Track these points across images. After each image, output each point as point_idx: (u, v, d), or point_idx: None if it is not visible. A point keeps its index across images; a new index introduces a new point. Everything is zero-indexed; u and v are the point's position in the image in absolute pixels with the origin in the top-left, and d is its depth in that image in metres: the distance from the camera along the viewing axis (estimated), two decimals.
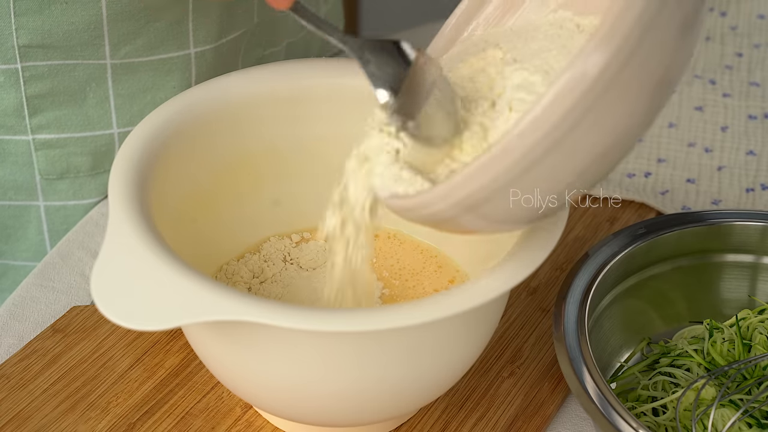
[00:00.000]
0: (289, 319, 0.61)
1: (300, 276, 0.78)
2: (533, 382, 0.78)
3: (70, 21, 0.82)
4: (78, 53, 0.84)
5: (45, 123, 0.86)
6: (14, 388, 0.76)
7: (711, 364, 0.76)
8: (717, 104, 1.03)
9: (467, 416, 0.75)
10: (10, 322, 0.82)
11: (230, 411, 0.75)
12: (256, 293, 0.76)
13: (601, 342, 0.77)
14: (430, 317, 0.62)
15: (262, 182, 0.79)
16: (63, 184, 0.89)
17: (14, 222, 0.90)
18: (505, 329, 0.81)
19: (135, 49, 0.85)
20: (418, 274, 0.78)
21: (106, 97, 0.87)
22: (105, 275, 0.63)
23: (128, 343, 0.79)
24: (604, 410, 0.68)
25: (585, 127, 0.57)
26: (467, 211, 0.61)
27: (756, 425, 0.72)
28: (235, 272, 0.77)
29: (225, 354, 0.67)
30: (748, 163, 0.97)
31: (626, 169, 0.96)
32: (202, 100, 0.75)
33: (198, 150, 0.75)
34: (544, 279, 0.85)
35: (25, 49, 0.83)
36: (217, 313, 0.61)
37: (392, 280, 0.78)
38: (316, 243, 0.80)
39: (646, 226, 0.79)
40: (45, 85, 0.85)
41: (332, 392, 0.66)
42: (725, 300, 0.81)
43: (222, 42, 0.90)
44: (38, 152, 0.87)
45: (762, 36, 1.11)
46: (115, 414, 0.74)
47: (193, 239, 0.75)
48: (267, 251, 0.79)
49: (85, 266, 0.86)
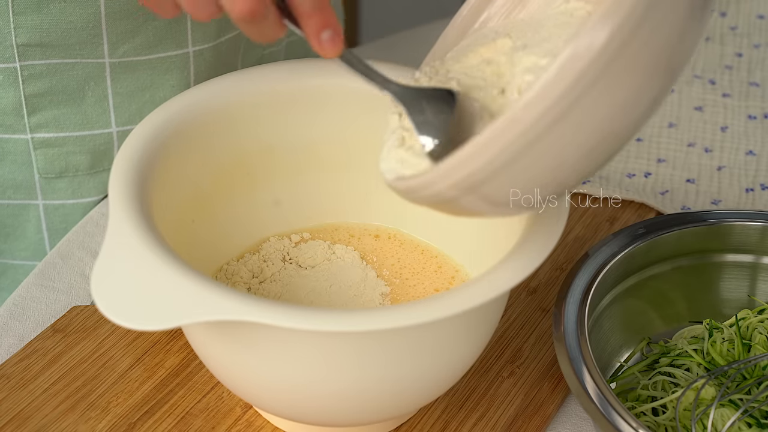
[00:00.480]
0: (289, 319, 0.61)
1: (299, 274, 0.78)
2: (533, 382, 0.78)
3: (69, 19, 0.82)
4: (76, 52, 0.84)
5: (44, 122, 0.86)
6: (14, 388, 0.76)
7: (711, 364, 0.76)
8: (717, 104, 1.03)
9: (467, 416, 0.75)
10: (10, 322, 0.82)
11: (230, 411, 0.75)
12: (256, 293, 0.76)
13: (601, 342, 0.77)
14: (430, 317, 0.62)
15: (262, 182, 0.79)
16: (62, 183, 0.89)
17: (13, 221, 0.90)
18: (505, 329, 0.81)
19: (133, 47, 0.85)
20: (418, 273, 0.78)
21: (104, 96, 0.87)
22: (105, 275, 0.63)
23: (128, 343, 0.79)
24: (604, 410, 0.68)
25: (588, 102, 0.56)
26: (468, 191, 0.60)
27: (756, 425, 0.72)
28: (234, 272, 0.77)
29: (225, 354, 0.67)
30: (748, 163, 0.97)
31: (626, 169, 0.96)
32: (202, 101, 0.75)
33: (198, 150, 0.75)
34: (544, 279, 0.85)
35: (24, 48, 0.83)
36: (217, 313, 0.61)
37: (393, 279, 0.78)
38: (315, 242, 0.80)
39: (646, 226, 0.79)
40: (44, 83, 0.85)
41: (332, 392, 0.66)
42: (725, 300, 0.81)
43: (220, 41, 0.90)
44: (37, 151, 0.87)
45: (762, 36, 1.11)
46: (115, 414, 0.74)
47: (193, 239, 0.75)
48: (266, 251, 0.79)
49: (85, 266, 0.86)
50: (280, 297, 0.76)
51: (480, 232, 0.75)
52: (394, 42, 1.14)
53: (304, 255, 0.79)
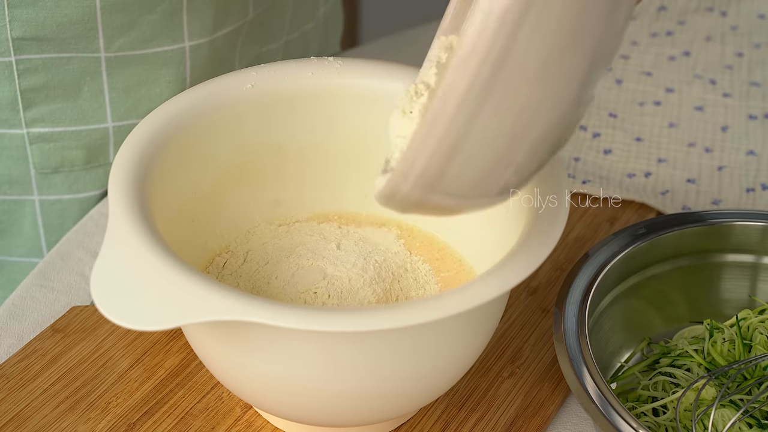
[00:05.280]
0: (289, 319, 0.61)
1: (277, 232, 0.78)
2: (533, 382, 0.78)
3: (64, 12, 0.82)
4: (72, 46, 0.84)
5: (39, 116, 0.86)
6: (14, 388, 0.76)
7: (711, 365, 0.76)
8: (717, 104, 1.03)
9: (467, 416, 0.75)
10: (10, 322, 0.82)
11: (230, 411, 0.75)
12: (243, 266, 0.76)
13: (601, 342, 0.77)
14: (430, 317, 0.62)
15: (262, 183, 0.79)
16: (58, 178, 0.89)
17: (8, 217, 0.90)
18: (505, 329, 0.81)
19: (129, 41, 0.85)
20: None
21: (100, 91, 0.87)
22: (105, 275, 0.63)
23: (128, 343, 0.79)
24: (604, 410, 0.68)
25: (507, 72, 0.56)
26: (429, 189, 0.60)
27: (756, 425, 0.72)
28: (225, 264, 0.77)
29: (225, 354, 0.67)
30: (749, 163, 0.97)
31: (626, 169, 0.96)
32: (202, 101, 0.75)
33: (198, 150, 0.75)
34: (544, 279, 0.85)
35: (19, 42, 0.83)
36: (217, 313, 0.61)
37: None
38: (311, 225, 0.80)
39: (646, 226, 0.79)
40: (39, 78, 0.85)
41: (332, 392, 0.66)
42: (725, 300, 0.81)
43: (217, 36, 0.90)
44: (33, 146, 0.87)
45: (762, 36, 1.11)
46: (115, 414, 0.74)
47: (193, 239, 0.75)
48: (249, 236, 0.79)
49: (85, 266, 0.86)
50: (268, 263, 0.76)
51: (483, 229, 0.76)
52: (394, 42, 1.14)
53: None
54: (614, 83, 1.05)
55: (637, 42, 1.11)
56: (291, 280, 0.75)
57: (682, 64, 1.08)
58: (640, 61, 1.08)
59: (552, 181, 0.70)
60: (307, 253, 0.77)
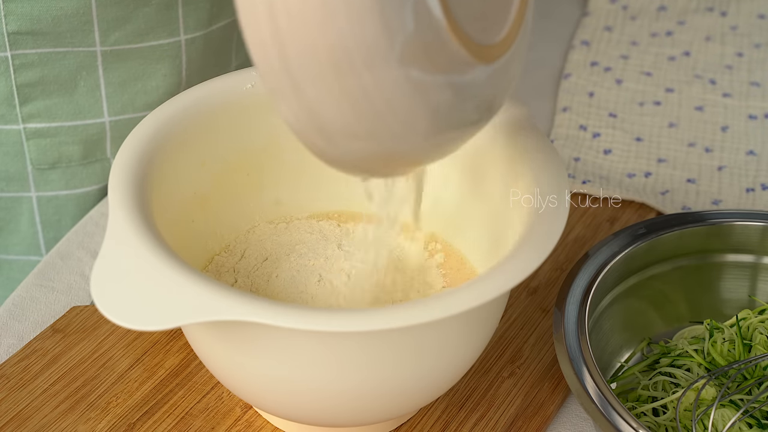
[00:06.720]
0: (290, 319, 0.61)
1: (277, 230, 0.78)
2: (533, 382, 0.78)
3: (59, 6, 0.82)
4: (68, 40, 0.84)
5: (36, 112, 0.86)
6: (14, 388, 0.76)
7: (711, 365, 0.76)
8: (717, 104, 1.03)
9: (467, 416, 0.75)
10: (10, 322, 0.82)
11: (230, 411, 0.75)
12: (243, 269, 0.76)
13: (601, 342, 0.77)
14: (430, 317, 0.61)
15: (262, 182, 0.79)
16: (55, 174, 0.89)
17: (6, 214, 0.90)
18: (505, 329, 0.81)
19: (125, 35, 0.85)
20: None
21: (96, 86, 0.87)
22: (105, 275, 0.63)
23: (128, 343, 0.79)
24: (604, 410, 0.68)
25: None
26: (319, 132, 0.58)
27: (756, 425, 0.72)
28: (222, 264, 0.77)
29: (225, 354, 0.67)
30: (749, 163, 0.97)
31: (626, 169, 0.96)
32: (201, 100, 0.75)
33: (198, 150, 0.75)
34: (544, 279, 0.85)
35: (15, 37, 0.82)
36: (217, 313, 0.61)
37: None
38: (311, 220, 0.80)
39: (646, 226, 0.79)
40: (35, 73, 0.85)
41: (332, 392, 0.66)
42: (725, 300, 0.81)
43: (212, 29, 0.89)
44: (29, 141, 0.87)
45: (762, 36, 1.11)
46: (115, 414, 0.74)
47: (193, 239, 0.75)
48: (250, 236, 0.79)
49: (85, 266, 0.86)
50: (267, 259, 0.76)
51: (483, 229, 0.76)
52: None
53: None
54: (614, 83, 1.06)
55: (637, 42, 1.11)
56: (291, 279, 0.75)
57: (682, 64, 1.08)
58: (640, 61, 1.08)
59: (552, 181, 0.70)
60: (308, 252, 0.77)
